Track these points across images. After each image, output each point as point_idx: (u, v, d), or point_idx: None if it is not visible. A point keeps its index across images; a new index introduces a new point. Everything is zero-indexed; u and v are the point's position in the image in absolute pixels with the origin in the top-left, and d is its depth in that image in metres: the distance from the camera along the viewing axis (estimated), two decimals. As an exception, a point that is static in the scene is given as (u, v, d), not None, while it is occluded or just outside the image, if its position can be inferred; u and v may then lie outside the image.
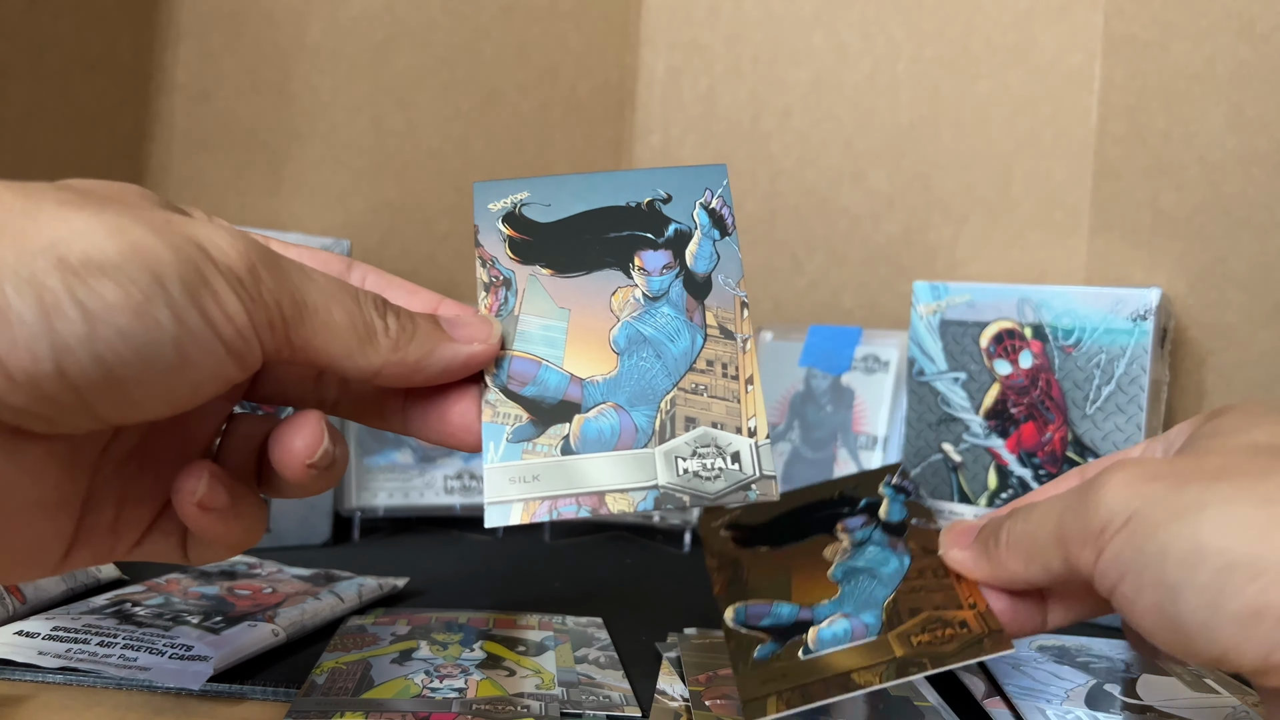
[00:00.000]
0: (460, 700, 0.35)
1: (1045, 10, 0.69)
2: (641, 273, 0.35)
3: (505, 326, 0.34)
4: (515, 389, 0.33)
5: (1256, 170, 0.59)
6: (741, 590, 0.38)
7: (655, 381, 0.34)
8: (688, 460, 0.33)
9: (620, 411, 0.33)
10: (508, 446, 0.33)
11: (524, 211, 0.37)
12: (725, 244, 0.36)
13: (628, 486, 0.32)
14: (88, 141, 0.64)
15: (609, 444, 0.33)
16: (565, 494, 0.32)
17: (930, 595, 0.35)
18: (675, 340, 0.34)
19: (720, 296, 0.35)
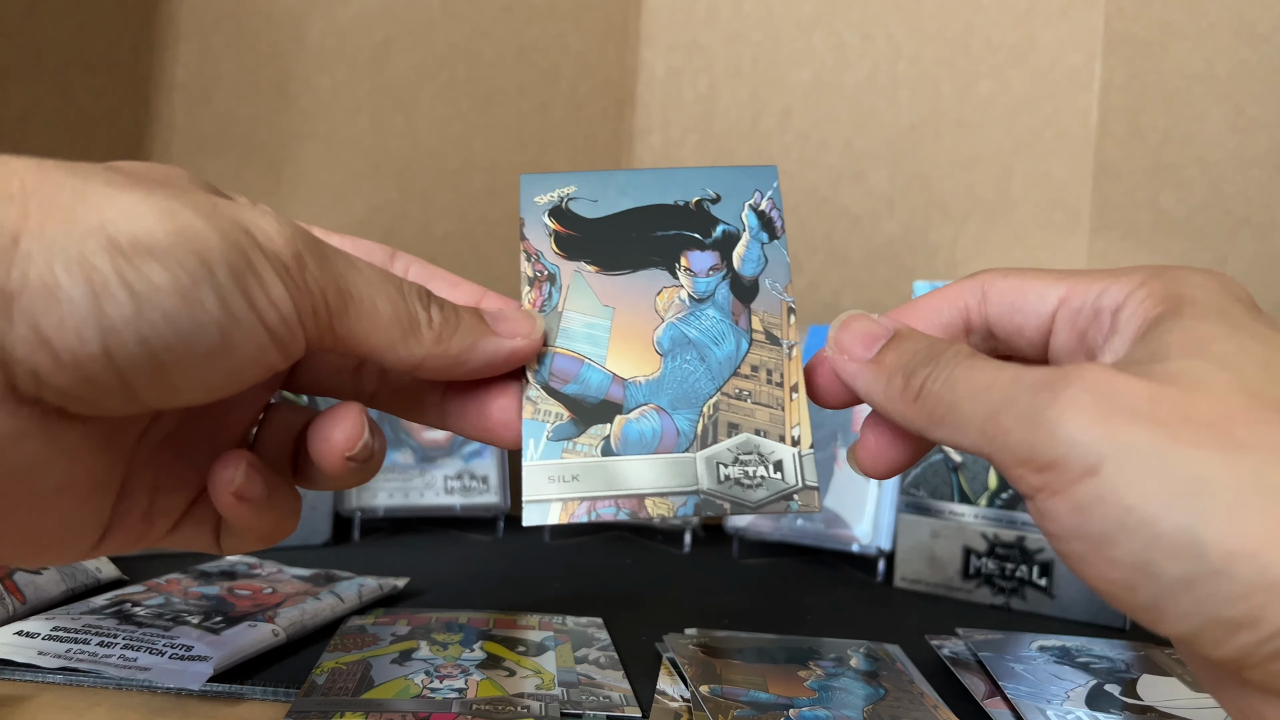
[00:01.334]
0: (460, 700, 0.35)
1: (1045, 10, 0.69)
2: (688, 273, 0.35)
3: (548, 323, 0.34)
4: (557, 386, 0.33)
5: (1256, 170, 0.59)
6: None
7: (698, 385, 0.33)
8: (729, 467, 0.32)
9: (662, 414, 0.33)
10: (548, 445, 0.33)
11: (570, 206, 0.36)
12: (774, 247, 0.35)
13: (668, 490, 0.32)
14: (87, 142, 0.64)
15: (650, 447, 0.32)
16: (604, 495, 0.32)
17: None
18: (720, 344, 0.34)
19: (767, 301, 0.34)
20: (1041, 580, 0.56)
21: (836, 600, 0.56)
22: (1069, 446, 0.23)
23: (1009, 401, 0.24)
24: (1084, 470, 0.22)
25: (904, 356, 0.29)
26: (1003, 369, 0.26)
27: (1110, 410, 0.23)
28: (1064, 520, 0.23)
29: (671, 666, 0.41)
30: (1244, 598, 0.21)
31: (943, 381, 0.27)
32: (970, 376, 0.26)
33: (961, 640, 0.46)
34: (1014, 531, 0.56)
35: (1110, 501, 0.22)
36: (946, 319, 0.31)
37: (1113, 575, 0.23)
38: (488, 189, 0.78)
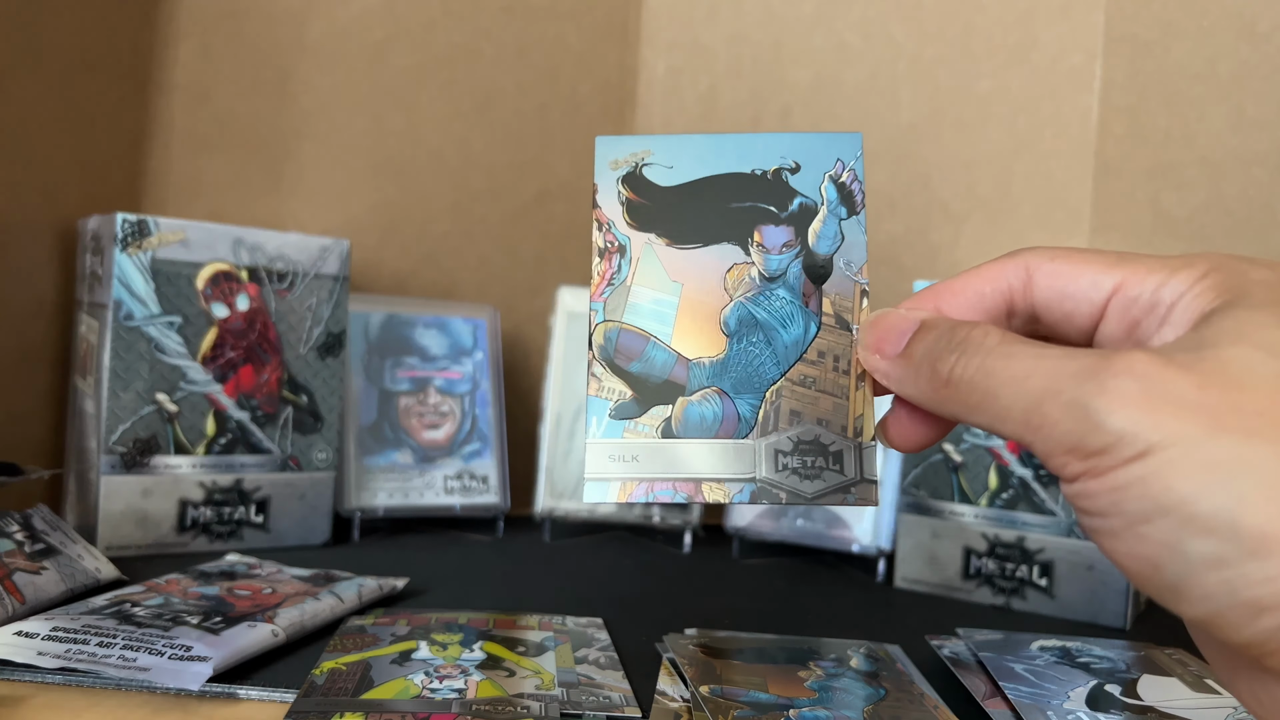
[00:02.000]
0: (460, 701, 0.35)
1: (1046, 10, 0.69)
2: (760, 249, 0.33)
3: (616, 297, 0.33)
4: (621, 364, 0.32)
5: (1257, 170, 0.59)
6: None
7: (763, 369, 0.32)
8: (788, 456, 0.31)
9: (724, 398, 0.32)
10: (610, 423, 0.32)
11: (645, 172, 0.35)
12: (851, 224, 0.33)
13: (726, 477, 0.31)
14: (87, 141, 0.64)
15: (710, 431, 0.32)
16: (663, 477, 0.31)
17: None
18: (788, 326, 0.33)
19: (840, 282, 0.33)
20: (1042, 580, 0.55)
21: (837, 600, 0.56)
22: (1117, 436, 0.23)
23: (1052, 391, 0.24)
24: (1131, 455, 0.22)
25: (929, 344, 0.28)
26: (1042, 356, 0.25)
27: (1159, 399, 0.22)
28: (1101, 499, 0.23)
29: (671, 667, 0.41)
30: (1273, 580, 0.21)
31: (975, 368, 0.26)
32: (1008, 365, 0.26)
33: (962, 640, 0.46)
34: (1014, 531, 0.56)
35: (1151, 481, 0.22)
36: (989, 303, 0.30)
37: (1141, 551, 0.23)
38: (487, 188, 0.78)
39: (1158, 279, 0.27)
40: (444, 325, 0.70)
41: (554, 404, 0.69)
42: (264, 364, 0.60)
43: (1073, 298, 0.28)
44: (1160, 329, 0.26)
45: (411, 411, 0.68)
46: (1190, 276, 0.26)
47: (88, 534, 0.55)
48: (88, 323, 0.59)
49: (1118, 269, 0.28)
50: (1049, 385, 0.24)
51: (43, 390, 0.62)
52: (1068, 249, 0.29)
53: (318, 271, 0.61)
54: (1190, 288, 0.26)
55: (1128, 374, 0.23)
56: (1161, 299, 0.26)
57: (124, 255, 0.55)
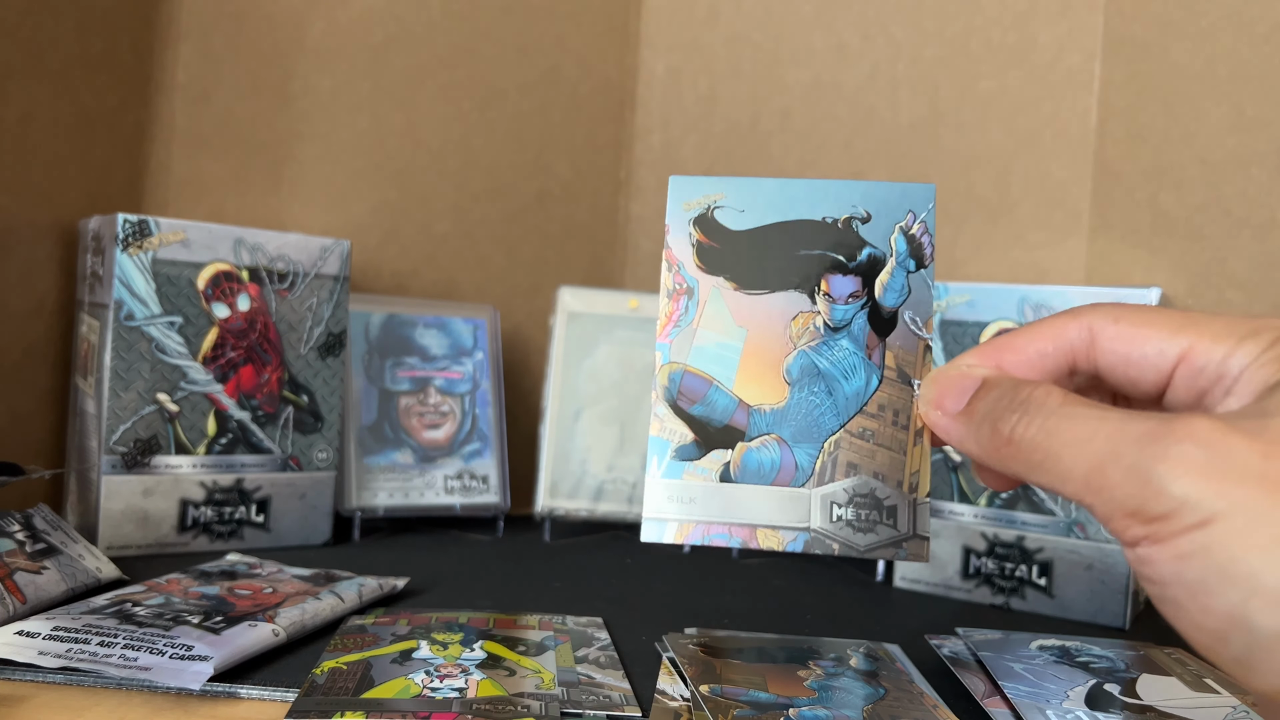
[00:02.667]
0: (460, 700, 0.35)
1: (1045, 10, 0.69)
2: (826, 299, 0.33)
3: (682, 339, 0.33)
4: (684, 406, 0.33)
5: (1256, 170, 0.59)
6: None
7: (823, 420, 0.32)
8: (843, 508, 0.31)
9: (783, 446, 0.32)
10: (670, 463, 0.33)
11: (716, 215, 0.35)
12: (919, 277, 0.33)
13: (780, 525, 0.32)
14: (88, 141, 0.64)
15: (767, 478, 0.32)
16: (719, 521, 0.32)
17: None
18: (850, 378, 0.33)
19: (904, 336, 0.32)
20: (1041, 580, 0.56)
21: (836, 600, 0.56)
22: (1180, 502, 0.22)
23: (1115, 455, 0.24)
24: (1194, 523, 0.22)
25: (991, 403, 0.28)
26: (1104, 418, 0.25)
27: (1223, 467, 0.22)
28: (1163, 566, 0.23)
29: (671, 666, 0.41)
30: None
31: (1037, 429, 0.26)
32: (1070, 427, 0.26)
33: (961, 640, 0.46)
34: (1013, 531, 0.57)
35: (1215, 550, 0.22)
36: (1052, 362, 0.29)
37: (1207, 624, 0.23)
38: (488, 189, 0.78)
39: (1224, 349, 0.26)
40: (444, 325, 0.70)
41: (554, 404, 0.70)
42: (265, 364, 0.60)
43: (1137, 365, 0.28)
44: (1226, 399, 0.26)
45: (412, 411, 0.68)
46: (1257, 347, 0.26)
47: (88, 534, 0.55)
48: (88, 323, 0.59)
49: (1183, 335, 0.27)
50: (1111, 448, 0.24)
51: (44, 390, 0.62)
52: (1131, 308, 0.29)
53: (318, 272, 0.62)
54: (1256, 358, 0.26)
55: (1190, 440, 0.23)
56: (1228, 370, 0.26)
57: (125, 255, 0.55)
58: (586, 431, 0.69)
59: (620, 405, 0.70)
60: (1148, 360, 0.28)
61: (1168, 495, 0.23)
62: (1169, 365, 0.28)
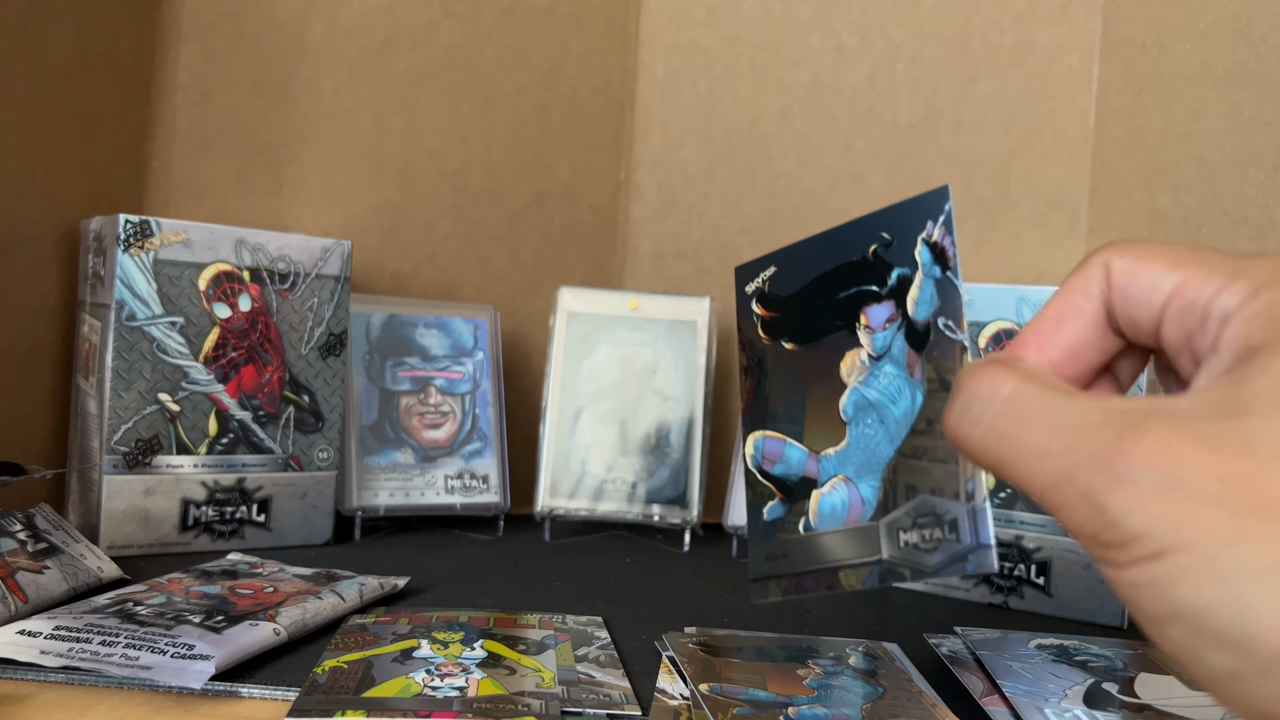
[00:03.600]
0: (461, 699, 0.36)
1: (1043, 11, 0.69)
2: (867, 331, 0.34)
3: (758, 408, 0.35)
4: (768, 469, 0.34)
5: (1254, 171, 0.60)
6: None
7: (879, 449, 0.33)
8: (908, 532, 0.32)
9: (849, 485, 0.33)
10: (764, 525, 0.34)
11: (771, 288, 0.36)
12: (946, 280, 0.32)
13: (856, 562, 0.32)
14: (89, 142, 0.64)
15: (840, 519, 0.33)
16: (807, 571, 0.33)
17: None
18: (897, 401, 0.33)
19: (940, 344, 0.32)
20: (1039, 579, 0.56)
21: (835, 599, 0.57)
22: (1133, 535, 0.21)
23: (1069, 477, 0.23)
24: (1146, 555, 0.21)
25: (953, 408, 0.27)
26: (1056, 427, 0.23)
27: (1177, 495, 0.21)
28: (1121, 591, 0.22)
29: (671, 665, 0.41)
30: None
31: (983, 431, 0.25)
32: (1020, 433, 0.24)
33: (960, 639, 0.46)
34: (1011, 530, 0.57)
35: (1165, 586, 0.21)
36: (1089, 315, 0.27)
37: (1166, 648, 0.22)
38: (488, 190, 0.78)
39: (1214, 286, 0.25)
40: (445, 325, 0.71)
41: (554, 404, 0.70)
42: (266, 364, 0.60)
43: (1135, 300, 0.27)
44: (1210, 356, 0.25)
45: (413, 411, 0.68)
46: (1244, 290, 0.24)
47: (90, 533, 0.56)
48: (90, 323, 0.59)
49: (1180, 269, 0.26)
50: (1065, 469, 0.23)
51: (45, 390, 0.62)
52: (1145, 243, 0.27)
53: (319, 272, 0.62)
54: (1240, 307, 0.24)
55: (1144, 464, 0.21)
56: (1212, 313, 0.24)
57: (126, 256, 0.55)
58: (586, 431, 0.69)
59: (620, 405, 0.70)
60: (1142, 295, 0.26)
61: (1119, 527, 0.22)
62: (1161, 300, 0.26)
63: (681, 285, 0.80)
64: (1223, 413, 0.22)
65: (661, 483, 0.69)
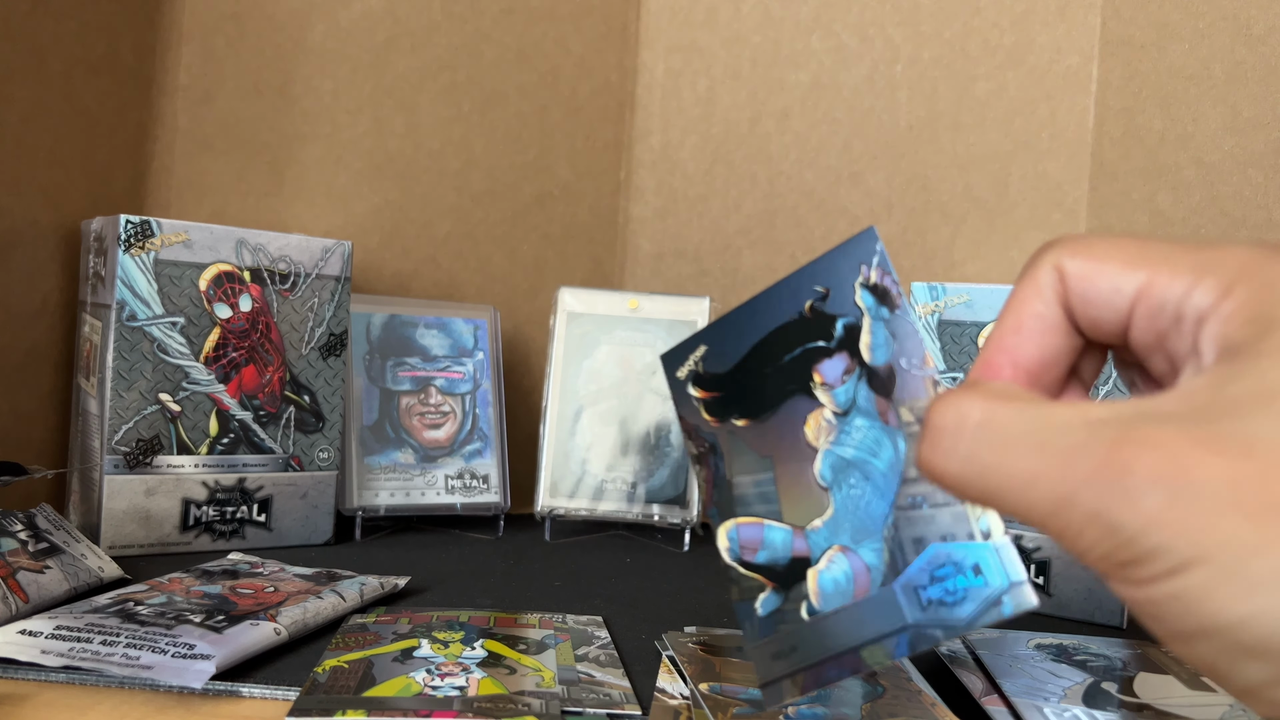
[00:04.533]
0: (461, 698, 0.36)
1: (1043, 12, 0.69)
2: (825, 389, 0.32)
3: (723, 496, 0.32)
4: (750, 558, 0.32)
5: (1253, 171, 0.60)
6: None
7: (871, 508, 0.31)
8: (928, 589, 0.29)
9: (848, 554, 0.31)
10: (761, 622, 0.31)
11: (706, 368, 0.34)
12: (897, 319, 0.31)
13: (878, 636, 0.29)
14: (90, 142, 0.64)
15: (847, 593, 0.30)
16: (824, 660, 0.30)
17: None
18: (878, 454, 0.31)
19: (908, 384, 0.30)
20: (1038, 579, 0.56)
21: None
22: (1151, 550, 0.20)
23: (1069, 499, 0.21)
24: (1167, 570, 0.20)
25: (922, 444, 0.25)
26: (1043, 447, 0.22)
27: (1191, 505, 0.20)
28: (1141, 609, 0.21)
29: (671, 664, 0.41)
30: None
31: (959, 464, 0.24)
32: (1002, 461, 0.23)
33: (959, 638, 0.46)
34: (1010, 529, 0.57)
35: (1191, 601, 0.20)
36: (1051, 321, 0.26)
37: (1194, 663, 0.21)
38: (488, 190, 0.78)
39: (1183, 284, 0.24)
40: (445, 326, 0.71)
41: (554, 404, 0.70)
42: (266, 364, 0.60)
43: (1094, 304, 0.25)
44: (1189, 357, 0.24)
45: (413, 411, 0.68)
46: (1216, 286, 0.23)
47: (91, 533, 0.56)
48: (91, 323, 0.59)
49: (1140, 268, 0.25)
50: (1062, 494, 0.22)
51: (46, 390, 0.62)
52: (1091, 239, 0.26)
53: (320, 272, 0.62)
54: (1216, 305, 0.23)
55: (1151, 475, 0.20)
56: (1186, 312, 0.24)
57: (127, 256, 0.55)
58: (586, 431, 0.69)
59: (620, 405, 0.70)
60: (1104, 299, 0.25)
61: (1136, 545, 0.20)
62: (1126, 303, 0.25)
63: (681, 285, 0.80)
64: (1214, 415, 0.21)
65: (661, 483, 0.69)
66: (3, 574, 0.43)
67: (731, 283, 0.79)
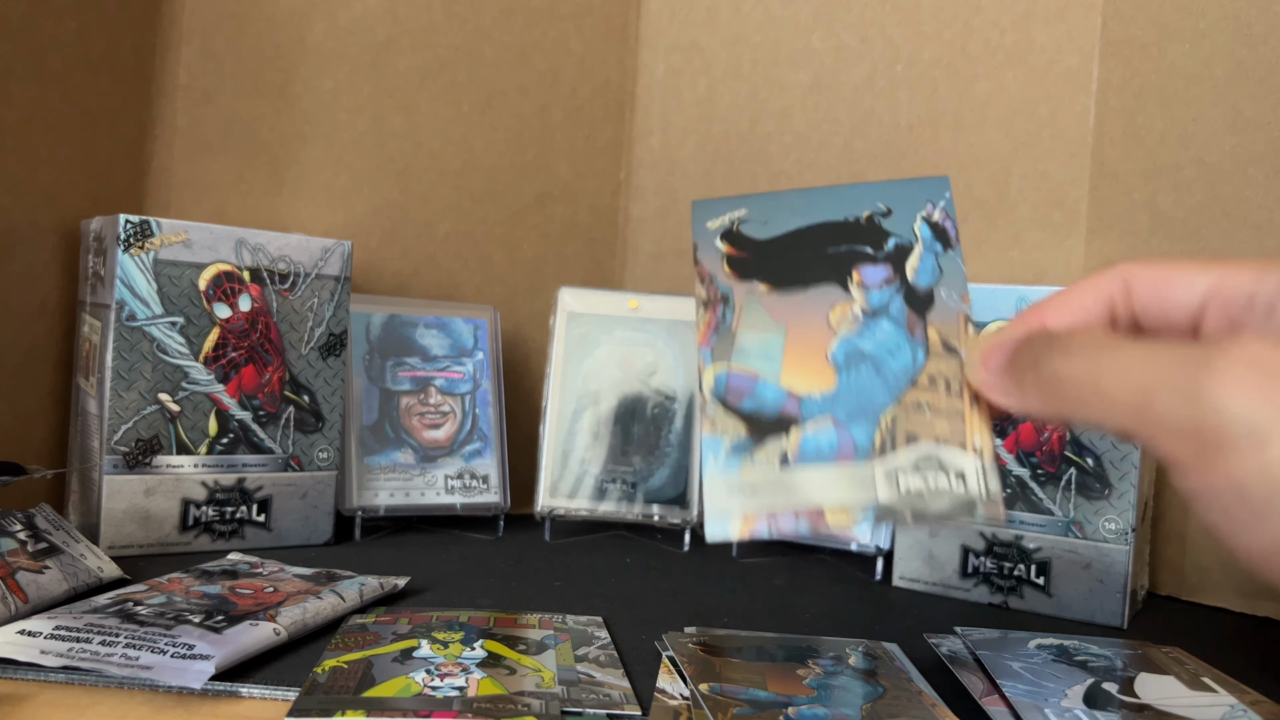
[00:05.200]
0: (461, 699, 0.36)
1: (1043, 12, 0.69)
2: (860, 288, 0.35)
3: (722, 342, 0.34)
4: (734, 402, 0.33)
5: (1254, 171, 0.60)
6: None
7: (875, 397, 0.33)
8: (909, 476, 0.32)
9: (839, 426, 0.33)
10: (727, 459, 0.33)
11: (742, 229, 0.36)
12: (949, 257, 0.34)
13: (850, 504, 0.32)
14: (90, 143, 0.64)
15: (827, 459, 0.32)
16: (784, 507, 0.32)
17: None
18: (895, 355, 0.33)
19: (943, 311, 0.34)
20: (1039, 579, 0.56)
21: (835, 599, 0.57)
22: (1232, 420, 0.22)
23: (1162, 379, 0.24)
24: (1248, 444, 0.22)
25: (1034, 350, 0.29)
26: (1151, 347, 0.25)
27: (1276, 383, 0.22)
28: (1223, 496, 0.23)
29: (671, 665, 0.41)
30: None
31: (1080, 364, 0.26)
32: (1115, 357, 0.26)
33: (959, 639, 0.46)
34: (1011, 530, 0.57)
35: (1274, 473, 0.21)
36: (1093, 313, 0.30)
37: (1271, 547, 0.22)
38: (489, 190, 0.78)
39: (1252, 278, 0.27)
40: (445, 326, 0.71)
41: (554, 403, 0.70)
42: (266, 364, 0.60)
43: (1170, 300, 0.29)
44: (1268, 319, 0.27)
45: (413, 411, 0.68)
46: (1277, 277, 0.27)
47: (90, 533, 0.56)
48: (90, 323, 0.59)
49: (1211, 270, 0.29)
50: (1159, 373, 0.24)
51: (46, 390, 0.62)
52: (1162, 258, 0.30)
53: (319, 272, 0.62)
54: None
55: (1240, 358, 0.23)
56: (1258, 295, 0.27)
57: (126, 256, 0.55)
58: (586, 431, 0.69)
59: (620, 405, 0.70)
60: (1179, 295, 0.29)
61: (1218, 413, 0.22)
62: (1199, 298, 0.29)
63: (681, 285, 0.80)
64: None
65: (661, 483, 0.69)
66: (2, 574, 0.43)
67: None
